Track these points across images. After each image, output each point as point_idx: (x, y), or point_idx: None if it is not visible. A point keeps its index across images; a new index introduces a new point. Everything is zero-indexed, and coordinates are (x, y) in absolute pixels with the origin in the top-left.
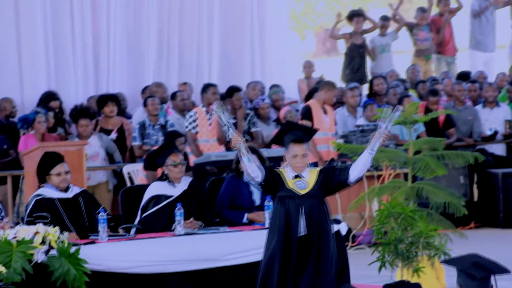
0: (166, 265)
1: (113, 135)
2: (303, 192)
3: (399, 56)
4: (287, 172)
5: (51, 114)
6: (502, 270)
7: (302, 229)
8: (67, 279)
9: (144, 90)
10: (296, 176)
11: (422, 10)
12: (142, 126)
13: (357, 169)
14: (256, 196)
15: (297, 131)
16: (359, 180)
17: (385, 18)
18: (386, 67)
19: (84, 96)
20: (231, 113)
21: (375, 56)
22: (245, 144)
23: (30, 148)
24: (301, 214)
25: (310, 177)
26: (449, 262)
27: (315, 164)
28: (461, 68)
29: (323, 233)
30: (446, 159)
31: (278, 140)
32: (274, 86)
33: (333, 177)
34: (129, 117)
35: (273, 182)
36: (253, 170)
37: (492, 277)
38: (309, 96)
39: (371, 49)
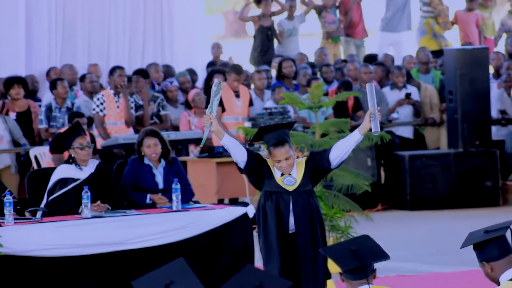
0: (73, 248)
1: (12, 114)
2: (291, 188)
3: (308, 39)
4: (274, 168)
5: None
6: (380, 258)
7: (292, 226)
8: None
9: (48, 72)
10: (283, 174)
11: None
12: (49, 109)
13: (341, 152)
14: (159, 179)
15: (276, 132)
16: (342, 163)
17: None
18: (293, 50)
19: None
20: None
21: (282, 40)
22: (213, 127)
23: None
24: (290, 211)
25: (298, 172)
26: (325, 251)
27: None
28: (370, 51)
29: (313, 230)
30: None
31: (258, 139)
32: (188, 70)
33: (316, 165)
34: (38, 100)
35: (258, 170)
36: (233, 155)
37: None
38: (208, 79)
39: (279, 32)
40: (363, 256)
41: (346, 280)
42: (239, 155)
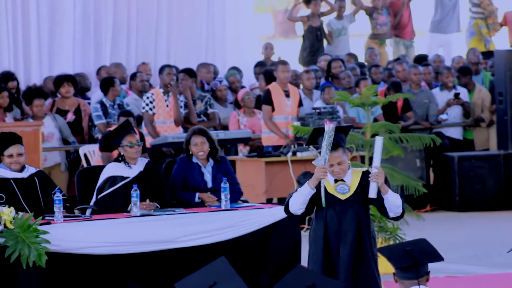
0: (121, 246)
1: (70, 115)
2: (344, 197)
3: (357, 39)
4: (328, 175)
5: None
6: (433, 259)
7: (341, 236)
8: (22, 254)
9: (99, 70)
10: (337, 180)
11: None
12: (103, 105)
13: (388, 208)
14: (208, 177)
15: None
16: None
17: (341, 0)
18: (343, 50)
19: (41, 76)
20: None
21: (332, 40)
22: (324, 181)
23: None
24: (341, 221)
25: (352, 180)
26: (381, 250)
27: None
28: (419, 51)
29: (362, 241)
30: (404, 142)
31: (313, 142)
32: (233, 68)
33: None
34: (87, 98)
35: (312, 201)
36: (295, 205)
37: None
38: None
39: (328, 32)
40: (416, 256)
41: (398, 279)
42: (302, 207)
